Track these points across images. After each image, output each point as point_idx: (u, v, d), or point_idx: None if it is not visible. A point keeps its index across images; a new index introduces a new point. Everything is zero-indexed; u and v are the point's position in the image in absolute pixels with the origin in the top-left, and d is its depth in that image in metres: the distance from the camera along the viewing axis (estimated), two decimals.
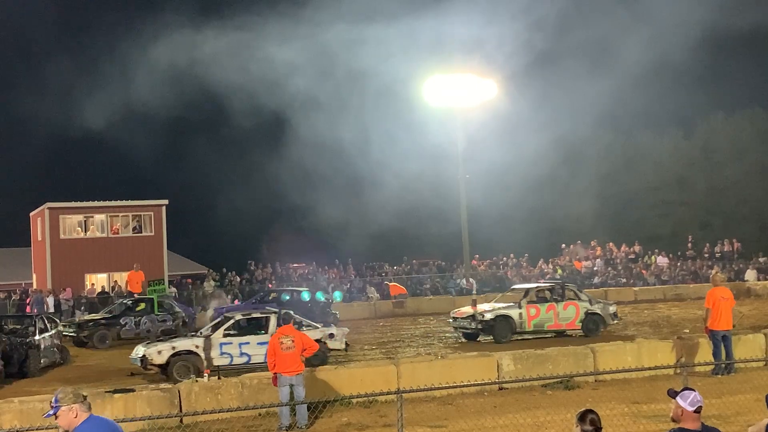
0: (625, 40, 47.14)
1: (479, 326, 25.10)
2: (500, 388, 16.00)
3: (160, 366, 19.55)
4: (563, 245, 48.98)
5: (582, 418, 6.45)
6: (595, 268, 44.17)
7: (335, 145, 46.28)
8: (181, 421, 14.04)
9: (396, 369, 16.25)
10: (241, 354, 20.13)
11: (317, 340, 20.68)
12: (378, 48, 43.44)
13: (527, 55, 46.40)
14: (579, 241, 48.16)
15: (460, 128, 45.76)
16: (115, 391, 14.69)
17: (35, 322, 23.15)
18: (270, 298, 32.26)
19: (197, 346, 19.90)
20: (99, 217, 42.98)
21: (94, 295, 37.72)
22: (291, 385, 13.95)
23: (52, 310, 33.46)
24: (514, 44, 43.90)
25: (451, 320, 26.69)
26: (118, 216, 43.27)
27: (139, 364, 19.87)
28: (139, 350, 20.15)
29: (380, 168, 47.72)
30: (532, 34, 44.28)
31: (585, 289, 36.23)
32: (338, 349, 21.42)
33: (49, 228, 41.82)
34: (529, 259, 47.73)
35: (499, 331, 24.81)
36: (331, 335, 21.21)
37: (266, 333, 20.12)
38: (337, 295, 32.74)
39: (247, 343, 20.22)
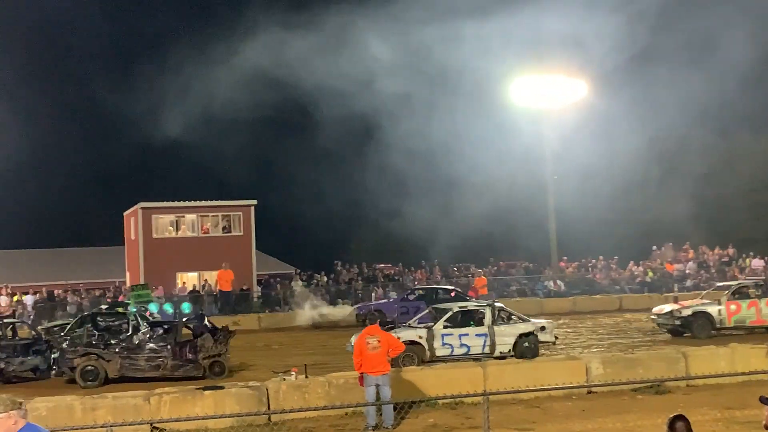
0: (723, 35, 45.87)
1: (677, 322, 25.45)
2: (589, 392, 15.82)
3: None
4: (653, 247, 48.07)
5: (672, 424, 6.35)
6: (687, 271, 43.22)
7: (422, 146, 46.20)
8: (269, 419, 14.22)
9: (482, 371, 16.21)
10: (461, 345, 20.62)
11: (529, 333, 21.18)
12: (463, 47, 43.27)
13: (619, 54, 45.55)
14: (670, 243, 47.20)
15: (549, 129, 45.29)
16: (206, 388, 14.99)
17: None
18: (415, 296, 33.17)
19: (420, 337, 20.49)
20: (190, 217, 43.83)
21: (186, 294, 38.45)
22: (377, 385, 13.99)
23: None
24: (606, 42, 43.13)
25: (653, 317, 27.02)
26: (208, 216, 44.05)
27: None
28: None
29: (467, 169, 47.52)
30: (624, 31, 43.43)
31: (678, 293, 35.81)
32: (548, 342, 21.73)
33: (142, 227, 42.80)
34: (618, 261, 46.97)
35: (698, 327, 25.09)
36: (543, 328, 21.55)
37: (483, 325, 20.79)
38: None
39: (467, 334, 20.77)
